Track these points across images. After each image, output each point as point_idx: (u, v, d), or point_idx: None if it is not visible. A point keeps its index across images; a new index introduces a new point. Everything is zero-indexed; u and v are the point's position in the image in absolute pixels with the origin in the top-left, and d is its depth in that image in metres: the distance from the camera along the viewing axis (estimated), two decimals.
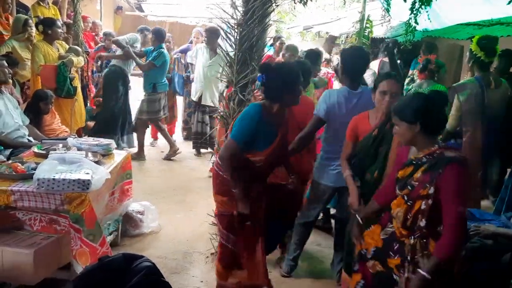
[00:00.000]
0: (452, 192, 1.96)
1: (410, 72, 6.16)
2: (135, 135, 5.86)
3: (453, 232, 1.95)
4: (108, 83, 5.57)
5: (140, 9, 11.12)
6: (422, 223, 2.04)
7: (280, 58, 6.09)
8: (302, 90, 2.73)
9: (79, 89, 5.28)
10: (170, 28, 10.83)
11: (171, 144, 5.92)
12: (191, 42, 6.65)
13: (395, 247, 2.17)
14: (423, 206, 2.02)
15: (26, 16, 5.24)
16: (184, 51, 6.56)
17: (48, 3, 6.12)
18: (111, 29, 10.92)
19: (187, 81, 6.42)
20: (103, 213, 3.15)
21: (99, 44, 6.63)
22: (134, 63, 5.62)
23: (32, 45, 4.90)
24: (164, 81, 5.72)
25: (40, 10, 5.95)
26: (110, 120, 5.49)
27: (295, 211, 3.05)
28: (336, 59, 7.51)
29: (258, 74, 2.56)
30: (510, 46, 4.69)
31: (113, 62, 5.67)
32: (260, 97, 2.72)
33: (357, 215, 2.46)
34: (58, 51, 5.08)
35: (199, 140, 5.87)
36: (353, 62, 2.98)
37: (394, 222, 2.21)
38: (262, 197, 2.71)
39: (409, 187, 2.09)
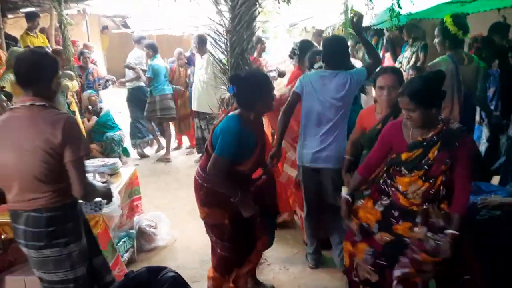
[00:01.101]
0: (467, 158, 2.21)
1: (400, 56, 6.25)
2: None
3: (468, 190, 2.27)
4: (131, 99, 6.74)
5: (126, 26, 11.13)
6: (444, 192, 2.24)
7: (262, 60, 6.20)
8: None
9: (77, 113, 5.34)
10: (157, 40, 10.88)
11: (168, 150, 6.64)
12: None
13: (396, 214, 2.33)
14: (444, 179, 2.20)
15: (23, 49, 5.29)
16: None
17: (36, 32, 6.17)
18: (100, 49, 11.00)
19: None
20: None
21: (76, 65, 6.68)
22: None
23: None
24: (158, 86, 6.33)
25: (29, 39, 5.99)
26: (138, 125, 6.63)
27: (273, 198, 3.05)
28: None
29: (229, 85, 2.60)
30: (493, 20, 4.76)
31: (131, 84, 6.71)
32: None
33: (343, 194, 2.54)
34: None
35: (201, 145, 6.03)
36: (331, 48, 3.09)
37: (399, 196, 2.31)
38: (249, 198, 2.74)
39: (426, 167, 2.20)
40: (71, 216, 2.12)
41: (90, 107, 6.05)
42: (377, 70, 2.88)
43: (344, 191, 2.59)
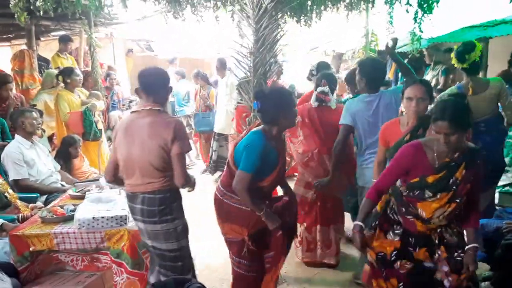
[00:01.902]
0: (480, 175, 2.25)
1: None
2: None
3: (479, 204, 2.34)
4: None
5: (150, 49, 11.49)
6: (462, 210, 2.27)
7: (281, 82, 6.34)
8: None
9: (103, 132, 5.51)
10: (180, 63, 11.16)
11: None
12: None
13: (413, 241, 2.31)
14: (465, 198, 2.22)
15: (54, 70, 5.54)
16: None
17: (66, 54, 6.43)
18: (125, 71, 11.35)
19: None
20: None
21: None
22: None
23: (56, 95, 5.15)
24: (179, 107, 7.49)
25: (60, 61, 6.25)
26: None
27: (293, 221, 3.02)
28: (345, 75, 7.62)
29: (254, 101, 2.65)
30: None
31: None
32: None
33: (355, 222, 2.37)
34: (80, 97, 5.32)
35: (213, 166, 6.20)
36: (373, 71, 3.13)
37: (417, 222, 2.28)
38: None
39: (454, 187, 2.18)
40: (176, 198, 2.65)
41: None
42: (406, 82, 2.89)
43: (357, 222, 2.37)
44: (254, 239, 2.66)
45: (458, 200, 2.18)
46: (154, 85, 2.58)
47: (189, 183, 2.64)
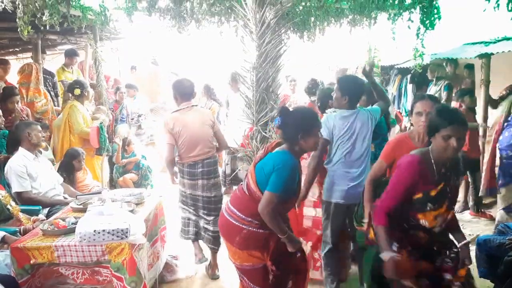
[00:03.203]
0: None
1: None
2: None
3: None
4: None
5: (154, 63, 11.61)
6: None
7: (294, 100, 6.37)
8: None
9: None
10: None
11: None
12: None
13: (422, 254, 2.34)
14: None
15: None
16: None
17: (71, 68, 6.49)
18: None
19: None
20: (149, 263, 3.27)
21: (111, 100, 6.99)
22: None
23: (70, 107, 5.15)
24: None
25: (65, 75, 6.30)
26: None
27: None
28: None
29: (276, 116, 2.57)
30: None
31: None
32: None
33: (388, 254, 2.22)
34: (88, 111, 5.36)
35: (229, 180, 6.17)
36: (352, 88, 3.16)
37: (421, 235, 2.31)
38: None
39: (449, 194, 2.25)
40: (217, 162, 3.96)
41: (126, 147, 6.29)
42: (414, 97, 2.97)
43: (386, 252, 2.23)
44: (276, 263, 2.55)
45: (452, 206, 2.31)
46: (187, 90, 3.84)
47: (226, 147, 4.32)
